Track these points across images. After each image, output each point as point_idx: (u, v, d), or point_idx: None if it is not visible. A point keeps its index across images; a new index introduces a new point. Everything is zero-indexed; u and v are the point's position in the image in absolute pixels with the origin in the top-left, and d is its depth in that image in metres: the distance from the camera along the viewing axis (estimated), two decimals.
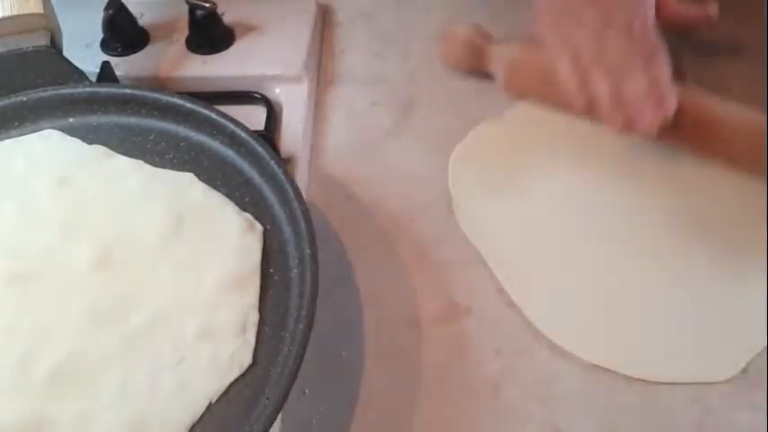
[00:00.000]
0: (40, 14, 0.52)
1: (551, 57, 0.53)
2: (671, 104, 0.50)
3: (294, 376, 0.40)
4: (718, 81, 0.56)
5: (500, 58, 0.58)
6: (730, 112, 0.52)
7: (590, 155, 0.55)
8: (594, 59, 0.51)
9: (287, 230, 0.47)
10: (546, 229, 0.52)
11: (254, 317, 0.43)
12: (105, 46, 0.62)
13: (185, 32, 0.62)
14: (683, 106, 0.50)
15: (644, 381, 0.46)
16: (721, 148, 0.52)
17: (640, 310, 0.48)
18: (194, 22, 0.61)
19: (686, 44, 0.58)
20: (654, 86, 0.50)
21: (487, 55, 0.59)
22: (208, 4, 0.60)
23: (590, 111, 0.51)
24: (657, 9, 0.53)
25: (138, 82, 0.59)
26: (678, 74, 0.51)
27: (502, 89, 0.58)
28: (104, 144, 0.51)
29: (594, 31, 0.51)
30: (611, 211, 0.53)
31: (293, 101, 0.59)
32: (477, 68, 0.60)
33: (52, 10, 0.54)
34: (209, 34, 0.62)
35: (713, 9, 0.56)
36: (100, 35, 0.62)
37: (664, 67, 0.50)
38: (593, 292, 0.49)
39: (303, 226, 0.45)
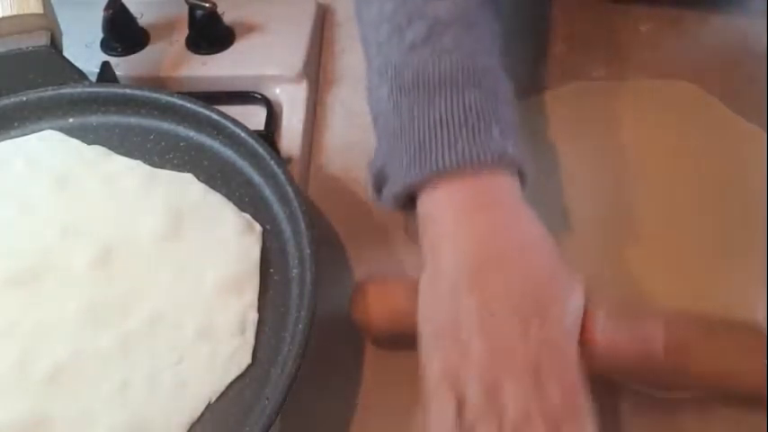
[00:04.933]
0: (40, 14, 0.52)
1: (428, 402, 0.38)
2: None
3: (294, 376, 0.40)
4: None
5: None
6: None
7: (589, 155, 0.55)
8: (483, 417, 0.36)
9: (287, 230, 0.47)
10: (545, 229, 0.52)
11: (253, 316, 0.43)
12: (105, 46, 0.62)
13: (185, 32, 0.62)
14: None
15: None
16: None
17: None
18: (194, 22, 0.61)
19: None
20: None
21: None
22: (208, 4, 0.60)
23: None
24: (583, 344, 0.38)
25: (138, 82, 0.59)
26: None
27: None
28: (104, 144, 0.51)
29: (486, 372, 0.37)
30: (610, 210, 0.53)
31: (293, 101, 0.59)
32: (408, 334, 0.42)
33: (52, 10, 0.54)
34: (209, 34, 0.62)
35: (658, 344, 0.39)
36: (100, 35, 0.62)
37: None
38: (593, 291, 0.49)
39: (303, 226, 0.45)
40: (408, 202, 0.44)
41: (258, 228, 0.47)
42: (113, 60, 0.60)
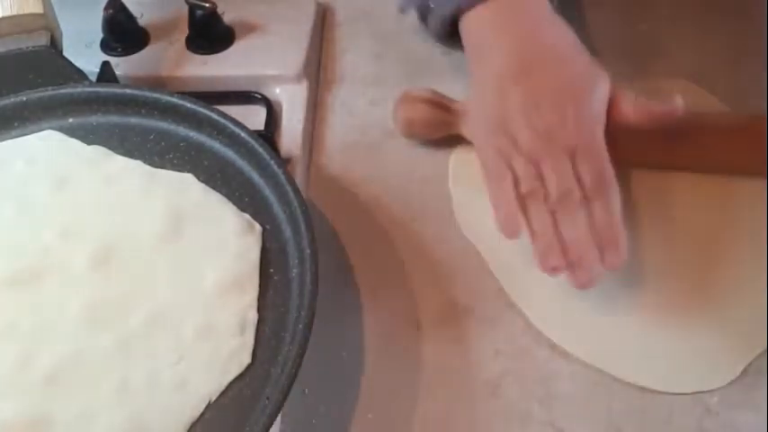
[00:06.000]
0: (40, 14, 0.52)
1: (487, 180, 0.48)
2: (621, 254, 0.44)
3: (294, 376, 0.40)
4: None
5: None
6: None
7: None
8: (533, 191, 0.45)
9: (287, 230, 0.47)
10: None
11: (252, 316, 0.43)
12: (105, 46, 0.62)
13: (185, 32, 0.62)
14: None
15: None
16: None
17: (640, 311, 0.48)
18: (194, 22, 0.61)
19: None
20: (600, 230, 0.44)
21: (454, 118, 0.55)
22: (208, 4, 0.60)
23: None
24: (609, 119, 0.47)
25: (138, 82, 0.59)
26: None
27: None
28: (104, 144, 0.51)
29: (533, 155, 0.46)
30: None
31: (293, 101, 0.59)
32: (443, 131, 0.56)
33: (52, 10, 0.54)
34: (209, 34, 0.62)
35: (678, 101, 0.47)
36: (100, 35, 0.62)
37: (613, 205, 0.44)
38: (593, 292, 0.49)
39: (303, 226, 0.45)
40: (451, 30, 0.55)
41: (258, 228, 0.47)
42: (113, 60, 0.60)
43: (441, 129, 0.56)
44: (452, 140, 0.57)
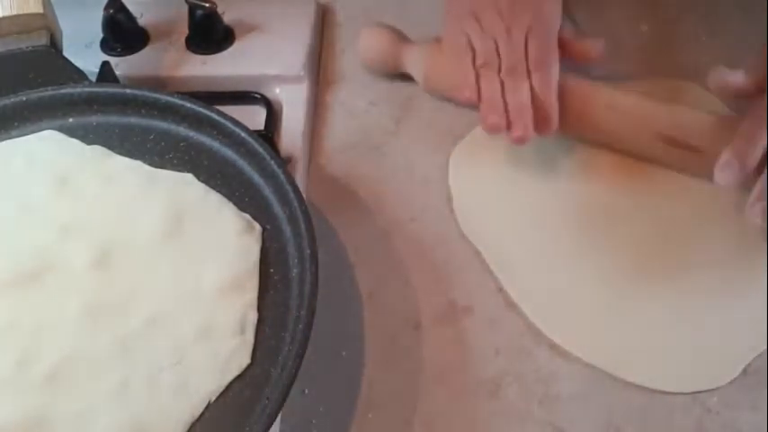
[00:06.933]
0: (39, 14, 0.52)
1: (450, 54, 0.55)
2: (551, 124, 0.51)
3: (294, 376, 0.40)
4: None
5: (416, 60, 0.58)
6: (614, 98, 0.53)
7: (591, 154, 0.55)
8: (487, 63, 0.53)
9: (287, 230, 0.47)
10: (546, 229, 0.52)
11: (252, 316, 0.43)
12: (105, 46, 0.62)
13: (185, 32, 0.62)
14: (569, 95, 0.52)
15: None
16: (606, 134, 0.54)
17: (640, 311, 0.48)
18: (194, 22, 0.61)
19: None
20: (537, 100, 0.51)
21: (404, 56, 0.59)
22: (208, 4, 0.60)
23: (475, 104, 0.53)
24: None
25: (138, 82, 0.59)
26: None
27: (421, 87, 0.59)
28: (104, 144, 0.51)
29: (494, 33, 0.53)
30: (612, 211, 0.53)
31: (293, 101, 0.59)
32: (393, 69, 0.60)
33: (52, 10, 0.54)
34: (209, 34, 0.62)
35: (599, 47, 0.55)
36: (100, 35, 0.62)
37: (552, 82, 0.52)
38: (594, 292, 0.49)
39: (303, 226, 0.45)
40: None
41: (258, 228, 0.47)
42: (113, 60, 0.60)
43: (392, 62, 0.60)
44: (452, 140, 0.57)
